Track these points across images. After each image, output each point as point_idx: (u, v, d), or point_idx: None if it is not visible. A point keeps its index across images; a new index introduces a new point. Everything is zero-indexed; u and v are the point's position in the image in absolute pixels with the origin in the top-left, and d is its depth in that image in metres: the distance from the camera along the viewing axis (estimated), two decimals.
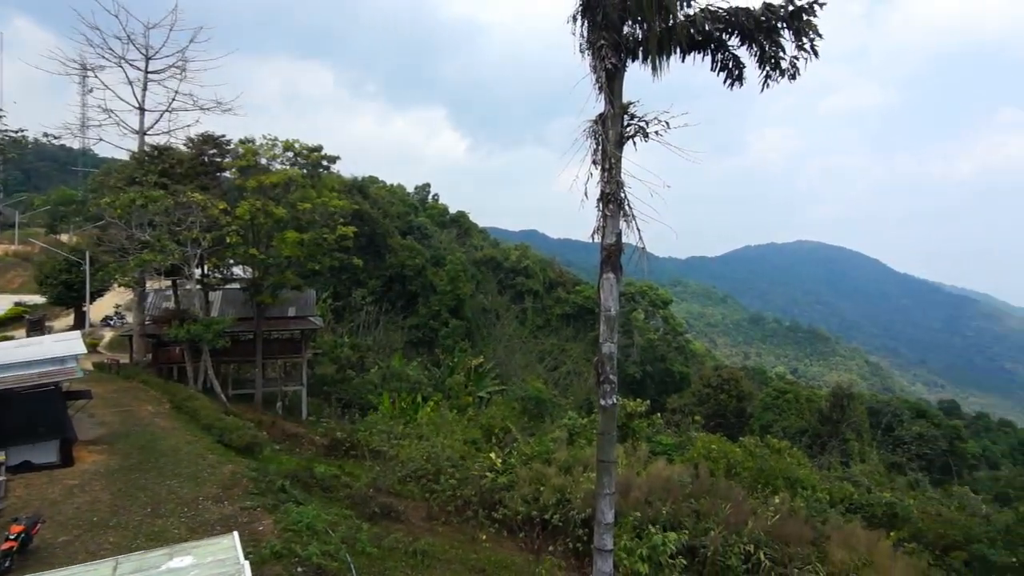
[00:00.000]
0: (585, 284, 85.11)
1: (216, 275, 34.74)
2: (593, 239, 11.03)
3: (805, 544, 15.03)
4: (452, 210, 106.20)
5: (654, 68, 10.61)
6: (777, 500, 16.94)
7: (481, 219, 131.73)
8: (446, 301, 65.15)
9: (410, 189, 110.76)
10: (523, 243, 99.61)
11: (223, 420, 22.24)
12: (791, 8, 9.92)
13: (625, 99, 10.86)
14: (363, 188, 75.66)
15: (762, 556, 14.64)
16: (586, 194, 10.66)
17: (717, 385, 43.76)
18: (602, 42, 10.38)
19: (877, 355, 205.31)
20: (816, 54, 10.03)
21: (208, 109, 34.51)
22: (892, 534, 15.12)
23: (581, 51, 10.75)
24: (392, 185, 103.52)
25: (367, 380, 38.13)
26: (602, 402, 11.00)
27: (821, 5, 9.77)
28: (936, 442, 41.03)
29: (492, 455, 19.92)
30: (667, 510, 16.03)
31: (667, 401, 48.43)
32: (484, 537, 16.76)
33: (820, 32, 9.91)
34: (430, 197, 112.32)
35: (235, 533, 7.96)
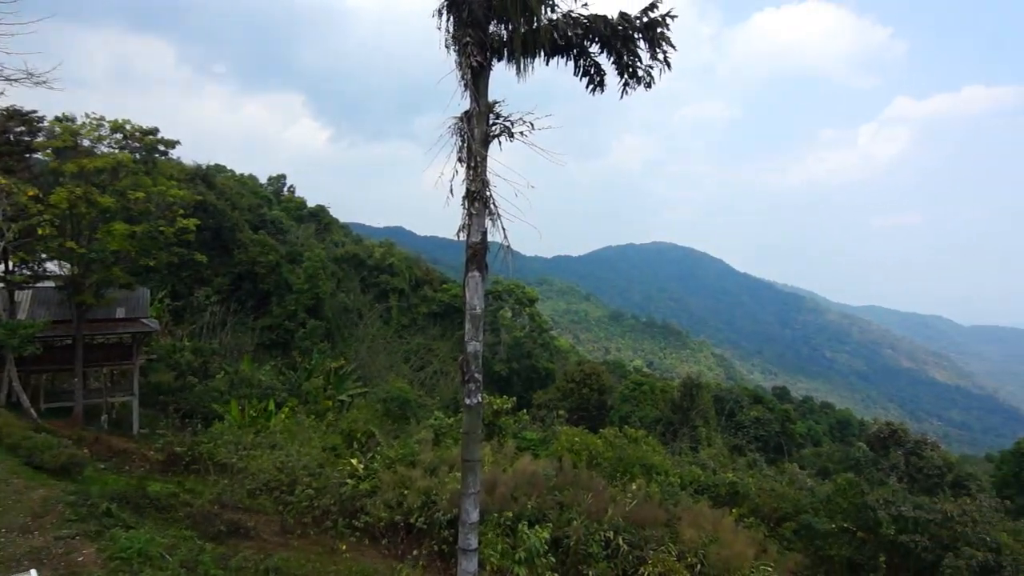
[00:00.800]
0: (452, 282, 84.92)
1: (24, 271, 30.08)
2: (459, 237, 10.85)
3: (659, 526, 15.96)
4: (311, 203, 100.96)
5: (518, 69, 10.62)
6: (634, 487, 17.86)
7: (343, 214, 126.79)
8: (303, 300, 61.73)
9: (263, 180, 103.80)
10: (388, 239, 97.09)
11: (32, 438, 19.23)
12: (646, 20, 10.35)
13: (491, 98, 10.79)
14: (208, 177, 69.46)
15: (621, 541, 15.33)
16: (452, 192, 10.45)
17: (580, 380, 45.64)
18: (467, 39, 10.18)
19: (722, 347, 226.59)
20: (669, 65, 10.54)
21: (16, 80, 29.67)
22: (734, 511, 16.52)
23: (447, 46, 10.51)
24: (242, 175, 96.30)
25: (212, 387, 34.93)
26: (467, 401, 10.87)
27: (672, 18, 10.28)
28: (770, 425, 45.94)
29: (354, 461, 19.08)
30: (532, 504, 16.28)
31: (533, 397, 49.65)
32: (344, 547, 15.97)
33: (673, 44, 10.43)
34: (286, 189, 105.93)
35: (33, 571, 6.74)
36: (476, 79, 10.52)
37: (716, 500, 17.61)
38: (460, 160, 10.67)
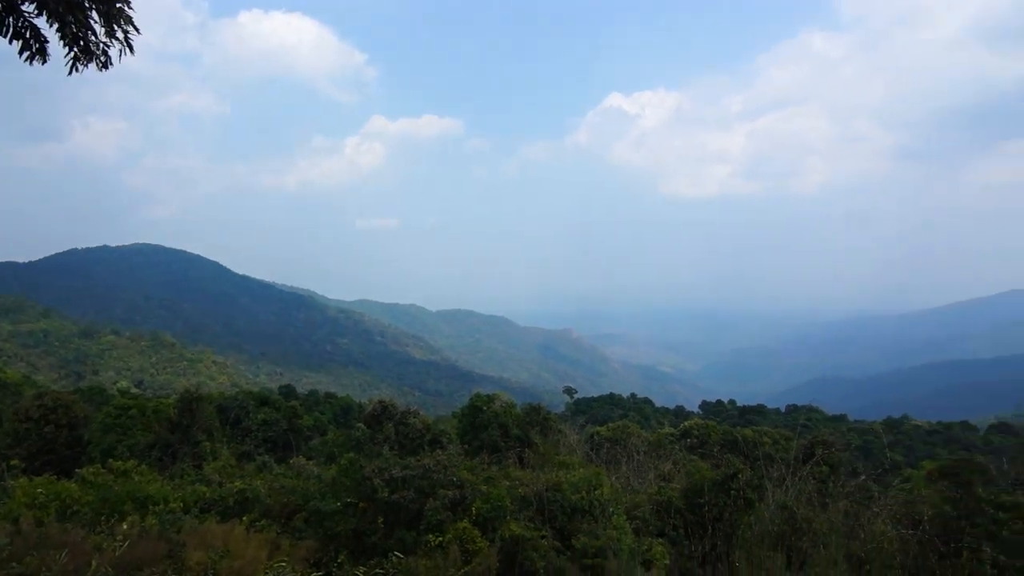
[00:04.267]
0: None
1: None
2: None
3: (160, 560, 14.23)
4: None
5: None
6: (125, 526, 15.48)
7: None
8: None
9: None
10: None
11: None
12: None
13: None
14: None
15: None
16: None
17: (40, 416, 36.18)
18: None
19: (224, 354, 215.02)
20: (131, 48, 9.35)
21: None
22: (245, 518, 16.14)
23: None
24: None
25: None
26: None
27: None
28: (278, 424, 46.22)
29: None
30: None
31: None
32: None
33: (136, 25, 9.30)
34: None
35: None
36: None
37: (225, 513, 16.87)
38: None
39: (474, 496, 17.78)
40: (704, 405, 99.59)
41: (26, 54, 9.09)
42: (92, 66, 9.09)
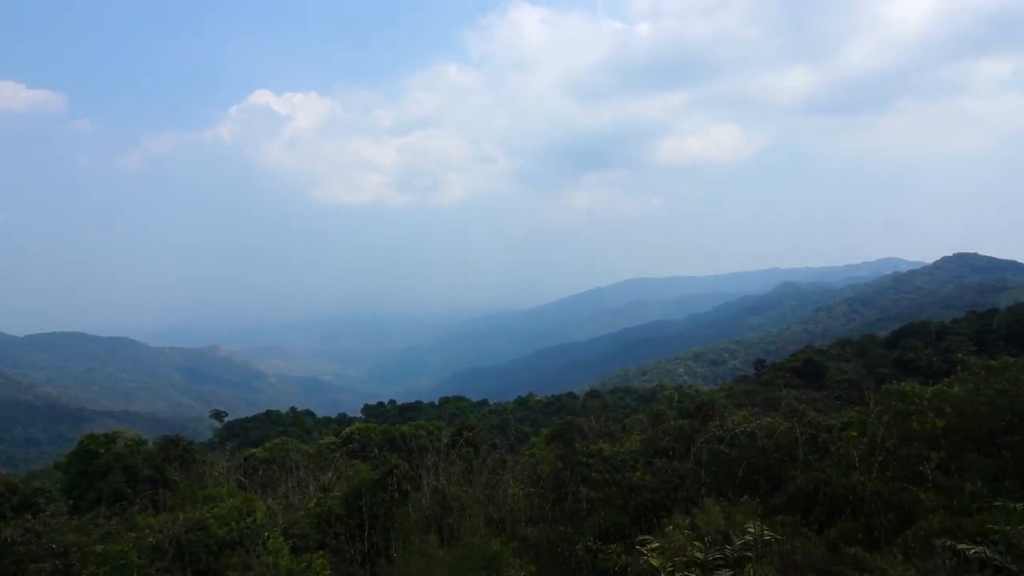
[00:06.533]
0: None
1: None
2: None
3: None
4: None
5: None
6: None
7: None
8: None
9: None
10: None
11: None
12: None
13: None
14: None
15: None
16: None
17: None
18: None
19: None
20: None
21: None
22: None
23: None
24: None
25: None
26: None
27: None
28: None
29: None
30: None
31: None
32: None
33: None
34: None
35: None
36: None
37: None
38: None
39: (85, 561, 14.58)
40: (366, 408, 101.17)
41: None
42: None
